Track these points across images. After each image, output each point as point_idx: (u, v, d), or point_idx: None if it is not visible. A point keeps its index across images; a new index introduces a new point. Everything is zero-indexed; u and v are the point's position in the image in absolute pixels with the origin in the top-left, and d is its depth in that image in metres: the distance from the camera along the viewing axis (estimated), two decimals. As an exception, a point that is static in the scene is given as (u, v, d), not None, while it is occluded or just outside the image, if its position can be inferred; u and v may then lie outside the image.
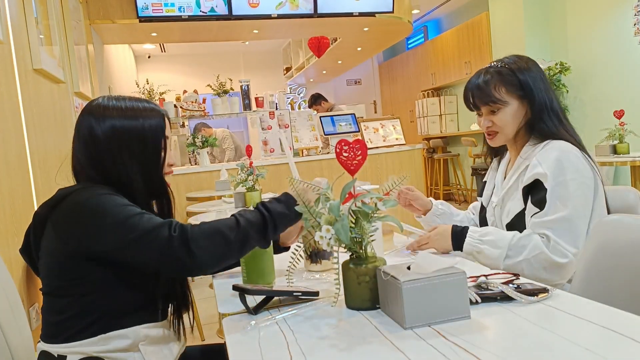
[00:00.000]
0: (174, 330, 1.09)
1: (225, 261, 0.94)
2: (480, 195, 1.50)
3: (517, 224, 1.28)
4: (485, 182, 1.50)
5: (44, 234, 0.99)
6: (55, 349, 0.96)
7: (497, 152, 1.48)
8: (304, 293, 0.95)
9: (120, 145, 1.02)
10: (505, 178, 1.39)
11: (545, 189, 1.18)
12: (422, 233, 1.34)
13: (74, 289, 0.96)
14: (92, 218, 0.92)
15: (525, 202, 1.25)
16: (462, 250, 1.23)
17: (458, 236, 1.24)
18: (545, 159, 1.21)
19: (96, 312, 0.96)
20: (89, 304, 0.96)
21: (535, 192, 1.22)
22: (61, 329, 0.97)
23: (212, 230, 0.93)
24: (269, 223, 0.97)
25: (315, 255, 1.17)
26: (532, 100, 1.27)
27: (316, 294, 0.96)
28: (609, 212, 1.27)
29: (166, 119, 1.09)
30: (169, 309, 1.09)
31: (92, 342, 0.96)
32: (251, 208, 1.01)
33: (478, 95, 1.30)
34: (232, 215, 0.98)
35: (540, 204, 1.19)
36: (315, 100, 5.57)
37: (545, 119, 1.26)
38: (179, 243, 0.89)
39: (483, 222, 1.45)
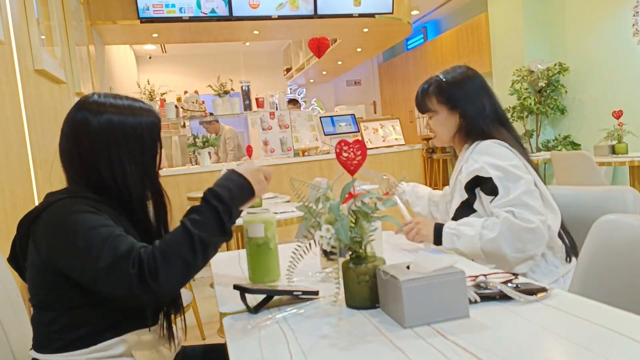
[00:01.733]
0: (164, 334, 1.05)
1: (190, 278, 0.89)
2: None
3: (459, 215, 1.40)
4: None
5: (28, 244, 0.95)
6: (46, 357, 0.94)
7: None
8: (304, 292, 0.95)
9: (117, 142, 0.96)
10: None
11: (490, 177, 1.30)
12: (408, 216, 1.43)
13: (61, 303, 0.93)
14: (65, 239, 0.88)
15: (469, 194, 1.37)
16: (441, 242, 1.31)
17: (438, 227, 1.33)
18: (476, 157, 1.35)
19: (86, 325, 0.94)
20: (77, 316, 0.93)
21: (482, 184, 1.33)
22: (51, 340, 0.94)
23: (169, 255, 0.85)
24: (224, 216, 0.91)
25: (331, 252, 1.17)
26: (464, 111, 1.41)
27: (316, 293, 0.96)
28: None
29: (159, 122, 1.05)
30: (160, 314, 1.06)
31: (84, 352, 0.93)
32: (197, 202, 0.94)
33: (417, 103, 1.50)
34: (181, 224, 0.90)
35: (493, 190, 1.30)
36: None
37: (480, 124, 1.39)
38: (137, 280, 0.83)
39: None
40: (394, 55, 9.10)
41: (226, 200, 0.92)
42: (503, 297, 0.87)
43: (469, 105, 1.40)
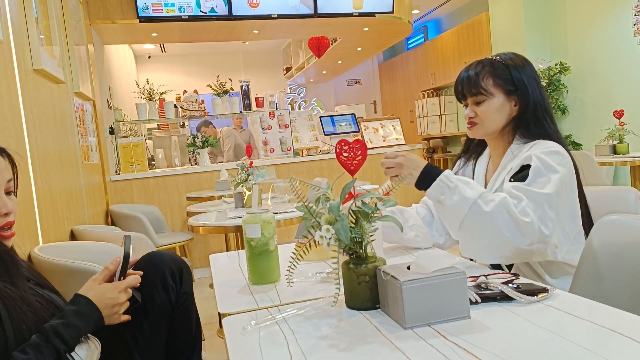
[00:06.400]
0: None
1: None
2: None
3: None
4: None
5: None
6: None
7: (469, 152, 1.44)
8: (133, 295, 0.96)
9: None
10: (486, 174, 1.36)
11: (530, 166, 1.15)
12: (377, 188, 1.15)
13: None
14: None
15: None
16: (429, 186, 1.13)
17: (430, 170, 1.14)
18: (537, 151, 1.18)
19: None
20: None
21: (519, 172, 1.18)
22: None
23: None
24: (65, 356, 0.84)
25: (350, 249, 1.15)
26: (525, 98, 1.25)
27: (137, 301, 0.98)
28: (587, 213, 1.26)
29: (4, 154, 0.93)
30: None
31: None
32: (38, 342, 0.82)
33: (466, 84, 1.29)
34: None
35: (523, 178, 1.15)
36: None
37: (540, 118, 1.25)
38: None
39: None
40: (394, 55, 9.09)
41: (69, 341, 0.85)
42: (504, 297, 0.86)
43: (529, 92, 1.23)
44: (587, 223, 1.27)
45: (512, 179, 1.19)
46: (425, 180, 1.13)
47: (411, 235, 1.31)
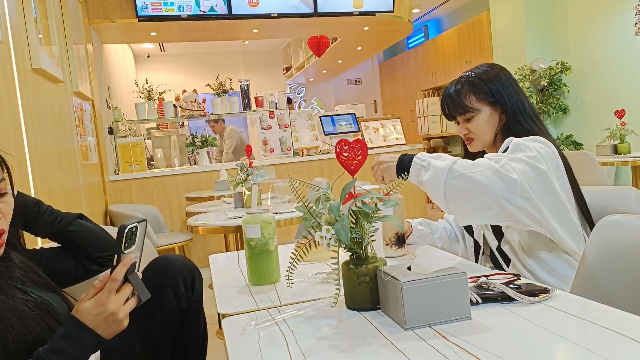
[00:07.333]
0: None
1: None
2: None
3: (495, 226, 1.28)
4: None
5: None
6: None
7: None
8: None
9: None
10: None
11: (507, 147, 1.20)
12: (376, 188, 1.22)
13: None
14: None
15: None
16: (407, 171, 1.16)
17: (403, 158, 1.19)
18: (516, 140, 1.22)
19: None
20: None
21: None
22: None
23: None
24: None
25: (400, 240, 1.21)
26: (504, 106, 1.31)
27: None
28: (587, 211, 1.28)
29: None
30: None
31: None
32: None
33: (452, 106, 1.36)
34: None
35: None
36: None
37: (521, 121, 1.31)
38: None
39: (469, 230, 1.45)
40: (394, 54, 9.08)
41: None
42: (505, 298, 0.86)
43: (509, 100, 1.30)
44: (584, 210, 1.28)
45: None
46: (403, 168, 1.17)
47: (439, 246, 1.45)
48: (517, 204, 1.10)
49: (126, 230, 0.83)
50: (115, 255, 0.85)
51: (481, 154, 1.42)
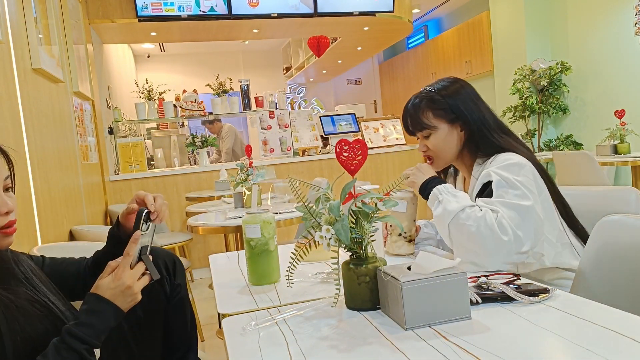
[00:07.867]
0: None
1: None
2: None
3: None
4: None
5: None
6: None
7: (446, 170, 1.47)
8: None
9: None
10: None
11: (490, 182, 1.18)
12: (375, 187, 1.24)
13: None
14: None
15: None
16: (429, 194, 1.20)
17: (428, 182, 1.23)
18: (494, 169, 1.20)
19: None
20: None
21: (483, 190, 1.21)
22: None
23: None
24: (85, 353, 0.85)
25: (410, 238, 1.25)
26: (465, 122, 1.28)
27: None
28: (566, 208, 1.27)
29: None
30: None
31: None
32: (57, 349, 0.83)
33: (410, 122, 1.35)
34: None
35: (488, 196, 1.17)
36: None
37: (487, 135, 1.27)
38: None
39: None
40: (394, 54, 9.08)
41: (86, 339, 0.85)
42: (505, 298, 0.86)
43: (470, 115, 1.27)
44: (568, 219, 1.27)
45: (477, 199, 1.21)
46: (423, 192, 1.23)
47: (441, 247, 1.43)
48: (513, 261, 1.11)
49: (144, 213, 0.98)
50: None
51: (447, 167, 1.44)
